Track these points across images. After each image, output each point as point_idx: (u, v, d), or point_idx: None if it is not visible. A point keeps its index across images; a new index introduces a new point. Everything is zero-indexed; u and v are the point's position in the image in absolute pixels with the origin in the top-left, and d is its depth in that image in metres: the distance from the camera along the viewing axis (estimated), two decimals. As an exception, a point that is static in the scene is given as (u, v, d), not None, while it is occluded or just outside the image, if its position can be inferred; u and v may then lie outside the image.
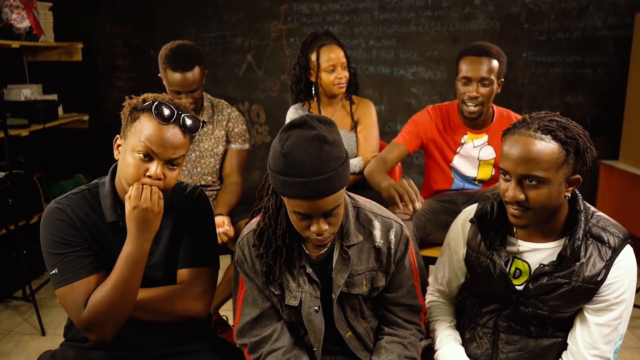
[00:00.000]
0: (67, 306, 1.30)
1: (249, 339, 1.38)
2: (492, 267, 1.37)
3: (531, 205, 1.23)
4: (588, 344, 1.30)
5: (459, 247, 1.48)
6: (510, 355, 1.39)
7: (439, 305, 1.58)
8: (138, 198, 1.25)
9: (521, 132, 1.23)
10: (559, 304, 1.31)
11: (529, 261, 1.35)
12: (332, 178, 1.13)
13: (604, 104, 3.75)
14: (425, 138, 2.25)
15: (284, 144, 1.14)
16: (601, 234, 1.28)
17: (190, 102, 2.16)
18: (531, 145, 1.20)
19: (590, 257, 1.27)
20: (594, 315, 1.30)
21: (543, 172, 1.19)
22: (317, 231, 1.20)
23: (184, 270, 1.42)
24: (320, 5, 3.86)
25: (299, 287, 1.33)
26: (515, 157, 1.21)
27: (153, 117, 1.27)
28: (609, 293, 1.28)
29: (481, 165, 2.23)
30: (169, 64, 2.11)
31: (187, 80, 2.12)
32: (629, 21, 3.55)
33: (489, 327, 1.43)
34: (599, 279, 1.26)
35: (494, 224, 1.37)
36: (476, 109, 2.08)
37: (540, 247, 1.34)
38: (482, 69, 2.02)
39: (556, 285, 1.29)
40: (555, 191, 1.22)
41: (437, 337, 1.47)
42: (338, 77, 2.31)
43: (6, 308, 3.05)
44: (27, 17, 3.33)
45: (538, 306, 1.33)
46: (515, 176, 1.23)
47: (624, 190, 3.34)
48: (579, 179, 1.25)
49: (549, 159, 1.19)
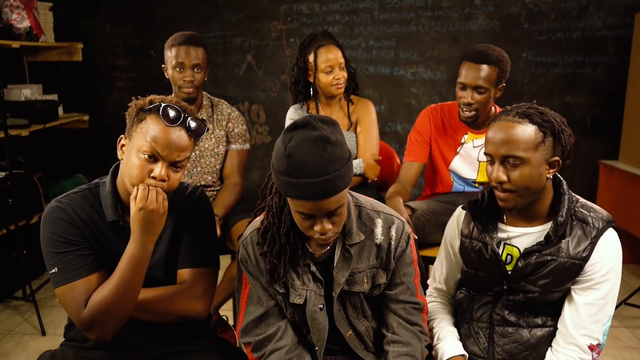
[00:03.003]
0: (66, 305, 1.30)
1: (253, 338, 1.38)
2: (485, 249, 1.43)
3: (514, 186, 1.32)
4: (576, 324, 1.36)
5: (454, 241, 1.54)
6: (505, 347, 1.43)
7: (437, 306, 1.61)
8: (144, 199, 1.25)
9: (502, 119, 1.35)
10: (548, 282, 1.36)
11: (519, 246, 1.42)
12: (336, 178, 1.14)
13: (604, 104, 3.76)
14: (429, 140, 2.27)
15: (287, 145, 1.15)
16: (585, 216, 1.37)
17: (190, 81, 2.20)
18: (510, 128, 1.31)
19: (575, 235, 1.35)
20: (581, 295, 1.36)
21: (522, 152, 1.30)
22: (321, 231, 1.20)
23: (185, 271, 1.42)
24: (320, 5, 3.86)
25: (303, 285, 1.34)
26: (497, 140, 1.33)
27: (160, 118, 1.28)
28: (594, 272, 1.34)
29: (481, 167, 2.23)
30: (175, 40, 2.23)
31: (192, 54, 2.19)
32: (629, 21, 3.56)
33: (484, 321, 1.47)
34: (584, 255, 1.33)
35: (485, 210, 1.46)
36: (470, 114, 2.10)
37: (528, 231, 1.41)
38: (478, 78, 2.01)
39: (544, 263, 1.36)
40: (536, 172, 1.31)
41: (435, 333, 1.51)
42: (336, 77, 2.31)
43: (6, 308, 3.05)
44: (27, 17, 3.33)
45: (528, 289, 1.39)
46: (497, 158, 1.34)
47: (624, 190, 3.34)
48: (559, 161, 1.34)
49: (527, 139, 1.30)
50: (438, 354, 1.45)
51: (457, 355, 1.44)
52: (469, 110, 2.09)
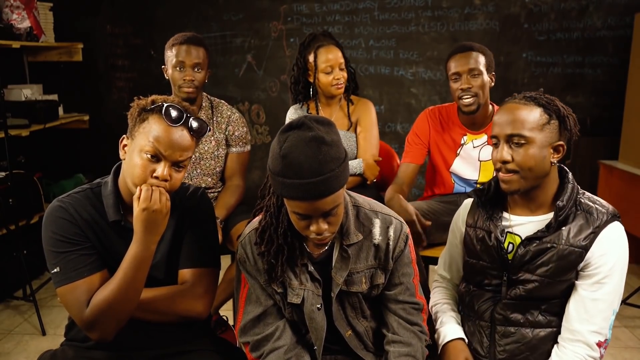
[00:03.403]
0: (68, 305, 1.30)
1: (251, 337, 1.38)
2: (488, 237, 1.44)
3: (518, 165, 1.33)
4: (584, 320, 1.33)
5: (458, 230, 1.55)
6: (507, 347, 1.42)
7: (442, 291, 1.63)
8: (148, 200, 1.25)
9: (509, 101, 1.38)
10: (547, 270, 1.34)
11: (521, 234, 1.41)
12: (331, 179, 1.14)
13: (604, 104, 3.76)
14: (427, 143, 2.29)
15: (282, 146, 1.15)
16: (590, 206, 1.36)
17: (190, 80, 2.20)
18: (517, 109, 1.34)
19: (577, 224, 1.34)
20: (589, 291, 1.34)
21: (528, 131, 1.32)
22: (317, 231, 1.20)
23: (186, 271, 1.42)
24: (320, 5, 3.87)
25: (301, 285, 1.34)
26: (502, 121, 1.35)
27: (162, 118, 1.28)
28: (600, 265, 1.32)
29: (482, 167, 2.23)
30: (176, 40, 2.23)
31: (193, 53, 2.20)
32: (629, 21, 3.56)
33: (486, 319, 1.46)
34: (584, 244, 1.32)
35: (491, 199, 1.47)
36: (472, 100, 2.07)
37: (531, 219, 1.41)
38: (469, 62, 2.07)
39: (544, 250, 1.35)
40: (540, 153, 1.32)
41: (438, 318, 1.53)
42: (336, 77, 2.31)
43: (6, 308, 3.05)
44: (27, 18, 3.34)
45: (528, 279, 1.37)
46: (503, 138, 1.35)
47: (624, 190, 3.34)
48: (563, 146, 1.35)
49: (533, 119, 1.33)
50: (440, 337, 1.47)
51: (457, 338, 1.45)
52: (469, 96, 2.07)
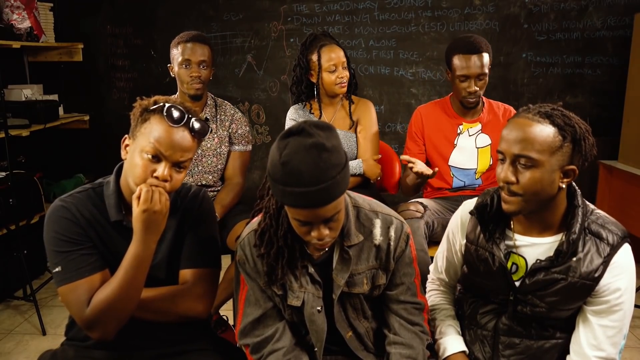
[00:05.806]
0: (69, 304, 1.30)
1: (252, 339, 1.38)
2: (492, 260, 1.35)
3: (522, 189, 1.22)
4: (593, 346, 1.29)
5: (457, 238, 1.48)
6: (511, 358, 1.38)
7: (439, 295, 1.59)
8: (149, 201, 1.26)
9: (521, 116, 1.25)
10: (556, 300, 1.29)
11: (526, 256, 1.34)
12: (332, 186, 1.12)
13: (604, 104, 3.76)
14: (423, 137, 2.34)
15: (282, 153, 1.12)
16: (600, 231, 1.27)
17: (197, 76, 2.22)
18: (528, 126, 1.21)
19: (588, 252, 1.26)
20: (597, 317, 1.29)
21: (536, 153, 1.20)
22: (318, 237, 1.20)
23: (186, 271, 1.42)
24: (320, 5, 3.87)
25: (301, 288, 1.33)
26: (511, 138, 1.23)
27: (164, 119, 1.28)
28: (609, 293, 1.26)
29: (479, 154, 2.27)
30: (181, 38, 2.26)
31: (198, 51, 2.22)
32: (628, 21, 3.56)
33: (489, 329, 1.42)
34: (597, 276, 1.25)
35: (494, 216, 1.36)
36: (476, 100, 2.23)
37: (538, 241, 1.32)
38: (478, 66, 2.13)
39: (553, 281, 1.28)
40: (547, 178, 1.21)
41: (437, 326, 1.48)
42: (339, 76, 2.32)
43: (7, 308, 3.05)
44: (27, 18, 3.34)
45: (536, 303, 1.32)
46: (509, 156, 1.23)
47: (623, 191, 3.34)
48: (575, 170, 1.23)
49: (544, 141, 1.19)
50: (440, 350, 1.44)
51: (458, 352, 1.42)
52: (473, 98, 2.20)
